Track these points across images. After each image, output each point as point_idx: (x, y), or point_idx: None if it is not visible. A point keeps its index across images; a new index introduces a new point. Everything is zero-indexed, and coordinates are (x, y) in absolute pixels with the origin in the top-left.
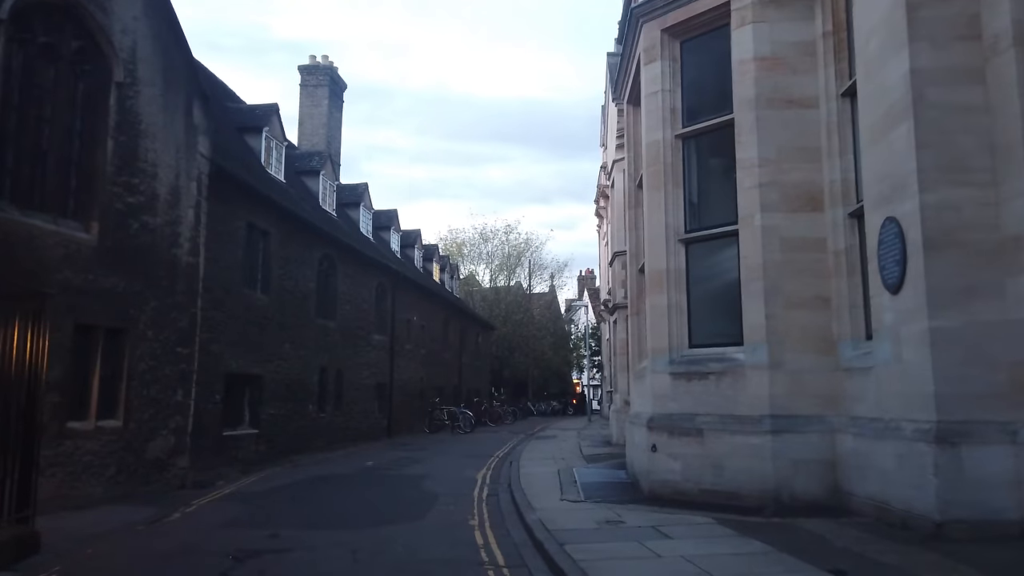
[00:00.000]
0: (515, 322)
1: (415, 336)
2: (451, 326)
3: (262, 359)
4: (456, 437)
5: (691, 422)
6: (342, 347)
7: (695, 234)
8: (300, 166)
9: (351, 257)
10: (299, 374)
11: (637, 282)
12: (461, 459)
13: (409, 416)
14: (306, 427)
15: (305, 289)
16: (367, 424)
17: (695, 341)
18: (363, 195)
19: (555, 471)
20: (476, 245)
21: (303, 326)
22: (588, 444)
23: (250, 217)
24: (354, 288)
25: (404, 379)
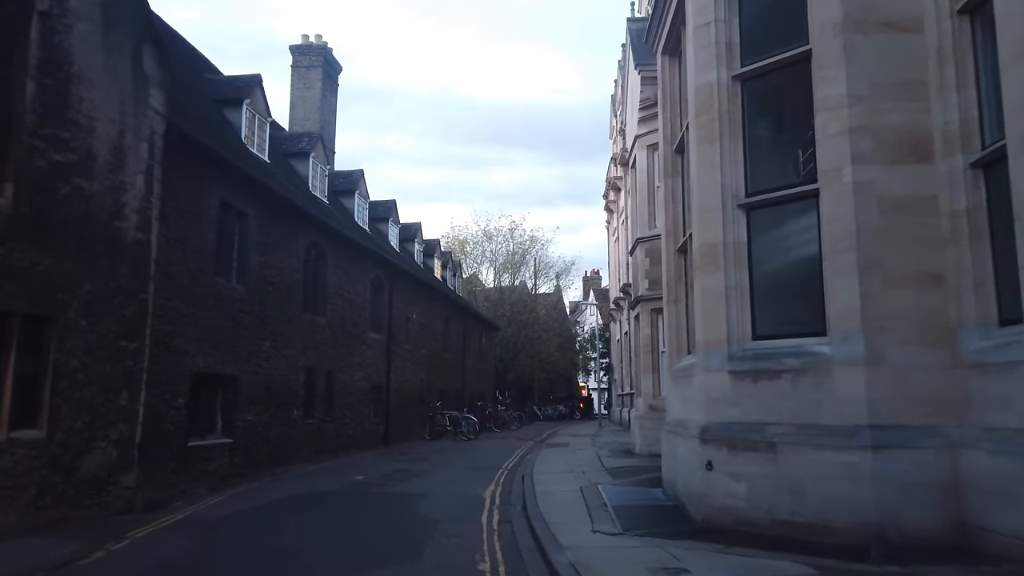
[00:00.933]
0: (520, 323)
1: (414, 335)
2: (453, 325)
3: (238, 358)
4: (459, 445)
5: (759, 433)
6: (333, 346)
7: (759, 197)
8: (288, 148)
9: (343, 246)
10: (282, 375)
11: (676, 264)
12: (465, 472)
13: (408, 421)
14: (290, 435)
15: (290, 280)
16: (361, 431)
17: (761, 331)
18: (358, 182)
19: (577, 489)
20: (479, 243)
21: (287, 321)
22: (607, 454)
23: (224, 195)
24: (347, 281)
25: (402, 381)
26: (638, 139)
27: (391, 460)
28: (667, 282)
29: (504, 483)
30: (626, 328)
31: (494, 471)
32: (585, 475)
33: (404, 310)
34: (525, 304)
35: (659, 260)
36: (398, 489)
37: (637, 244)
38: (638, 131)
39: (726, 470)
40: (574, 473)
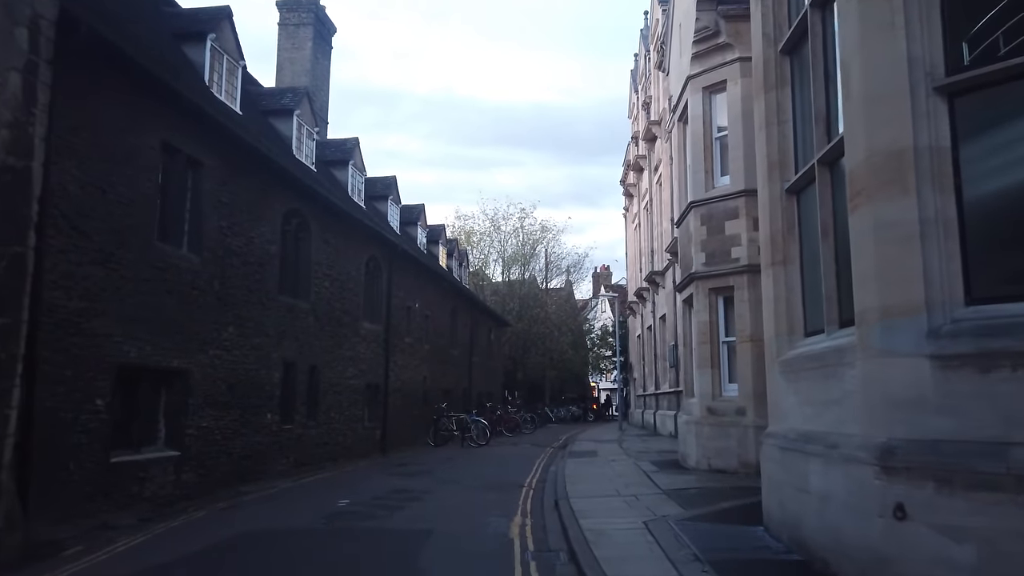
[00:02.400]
0: (530, 318)
1: (417, 327)
2: (460, 319)
3: (188, 347)
4: (468, 452)
5: (1000, 460)
6: (318, 336)
7: (972, 74)
8: (268, 104)
9: (332, 218)
10: (251, 370)
11: (784, 210)
12: (480, 493)
13: (409, 425)
14: (262, 444)
15: (262, 253)
16: (353, 437)
17: (981, 291)
18: (352, 152)
19: (639, 525)
20: (487, 234)
21: (258, 304)
22: (652, 467)
23: (168, 135)
24: (336, 260)
25: (403, 380)
26: (691, 82)
27: (388, 474)
28: (769, 237)
29: (533, 511)
30: (649, 322)
31: (516, 491)
32: (639, 501)
33: (405, 298)
34: (536, 298)
35: (720, 228)
36: (392, 523)
37: (690, 210)
38: (691, 71)
39: (934, 520)
40: (623, 497)
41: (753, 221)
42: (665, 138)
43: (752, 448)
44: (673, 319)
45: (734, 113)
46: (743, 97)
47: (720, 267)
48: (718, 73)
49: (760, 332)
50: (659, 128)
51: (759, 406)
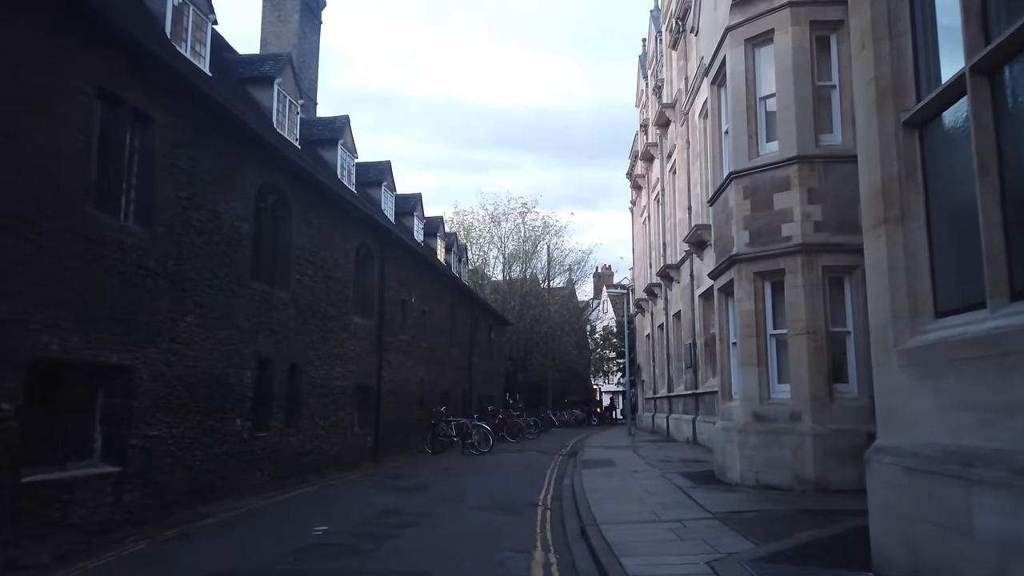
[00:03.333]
0: (532, 317)
1: (413, 324)
2: (459, 316)
3: (134, 339)
4: (469, 461)
5: None
6: (300, 331)
7: None
8: (246, 72)
9: (316, 197)
10: (216, 368)
11: (903, 149)
12: (486, 515)
13: (404, 431)
14: (230, 455)
15: (231, 232)
16: (341, 445)
17: None
18: (342, 131)
19: (705, 569)
20: (486, 229)
21: (226, 291)
22: (686, 482)
23: (106, 79)
24: (321, 245)
25: (397, 381)
26: (730, 34)
27: (379, 488)
28: (879, 188)
29: (556, 542)
30: (661, 320)
31: (529, 512)
32: (688, 529)
33: (399, 292)
34: (538, 297)
35: (767, 202)
36: (377, 562)
37: (729, 182)
38: (730, 21)
39: None
40: (666, 523)
41: (808, 192)
42: (680, 121)
43: (811, 460)
44: (691, 315)
45: (783, 67)
46: (795, 49)
47: (768, 247)
48: (763, 22)
49: (818, 322)
50: (673, 111)
51: (818, 411)
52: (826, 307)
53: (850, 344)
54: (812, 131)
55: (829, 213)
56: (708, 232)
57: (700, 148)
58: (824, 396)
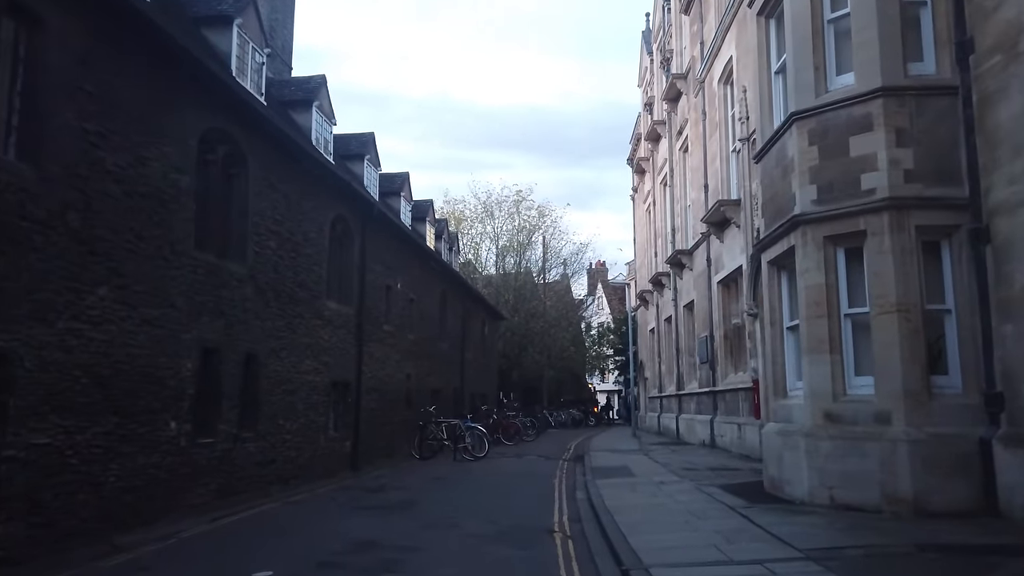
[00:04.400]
0: (526, 312)
1: (399, 313)
2: (451, 307)
3: (14, 315)
4: (463, 468)
5: None
6: (261, 313)
7: None
8: (200, 10)
9: (281, 156)
10: (140, 356)
11: None
12: (490, 548)
13: (389, 433)
14: (162, 468)
15: (164, 184)
16: (313, 451)
17: None
18: (317, 92)
19: None
20: (479, 219)
21: (156, 259)
22: (729, 495)
23: None
24: (289, 214)
25: (381, 377)
26: None
27: (354, 506)
28: None
29: None
30: (669, 313)
31: (546, 543)
32: None
33: (383, 276)
34: (533, 290)
35: (841, 147)
36: None
37: (790, 126)
38: None
39: None
40: (744, 566)
41: (896, 134)
42: (694, 91)
43: (905, 474)
44: (707, 305)
45: None
46: None
47: (843, 204)
48: None
49: (912, 297)
50: (685, 82)
51: (913, 410)
52: (921, 278)
53: (950, 325)
54: (899, 57)
55: (923, 159)
56: (733, 209)
57: (720, 117)
58: (921, 391)
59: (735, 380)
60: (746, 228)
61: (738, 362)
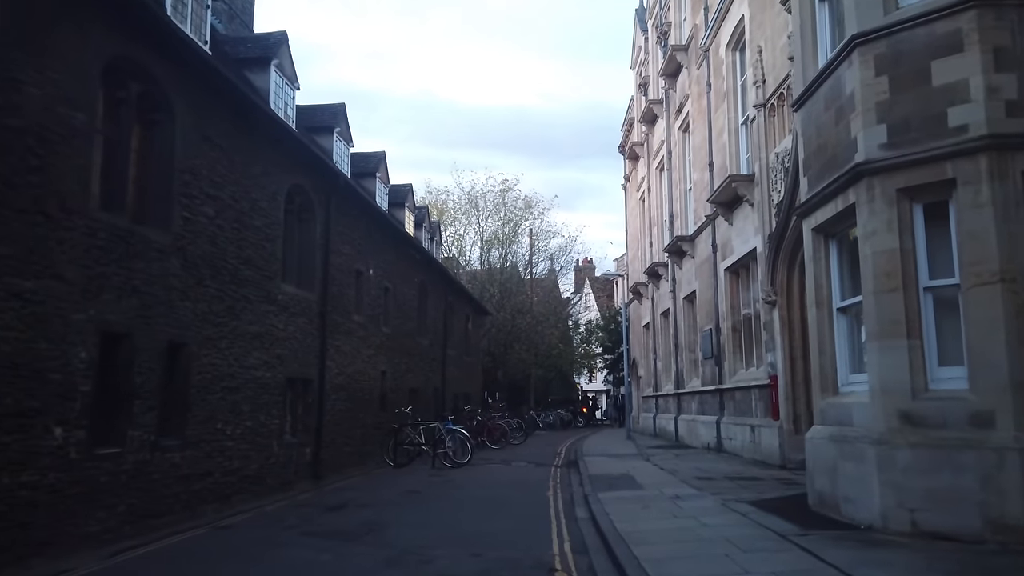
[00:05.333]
0: (513, 307)
1: (371, 303)
2: (432, 300)
3: None
4: (443, 479)
5: None
6: (191, 294)
7: None
8: None
9: (222, 106)
10: (4, 342)
11: None
12: None
13: (360, 438)
14: (43, 488)
15: (43, 120)
16: (263, 460)
17: None
18: (277, 50)
19: None
20: (463, 211)
21: (32, 214)
22: (768, 515)
23: None
24: (232, 177)
25: (350, 374)
26: None
27: (301, 532)
28: None
29: None
30: (666, 306)
31: None
32: None
33: (353, 259)
34: (519, 285)
35: (921, 75)
36: None
37: (850, 53)
38: None
39: None
40: None
41: (994, 54)
42: (697, 62)
43: (1018, 493)
44: (711, 295)
45: None
46: None
47: (923, 147)
48: None
49: (1020, 263)
50: (686, 54)
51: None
52: None
53: None
54: None
55: None
56: (746, 185)
57: (728, 86)
58: None
59: (746, 377)
60: (762, 205)
61: (749, 357)
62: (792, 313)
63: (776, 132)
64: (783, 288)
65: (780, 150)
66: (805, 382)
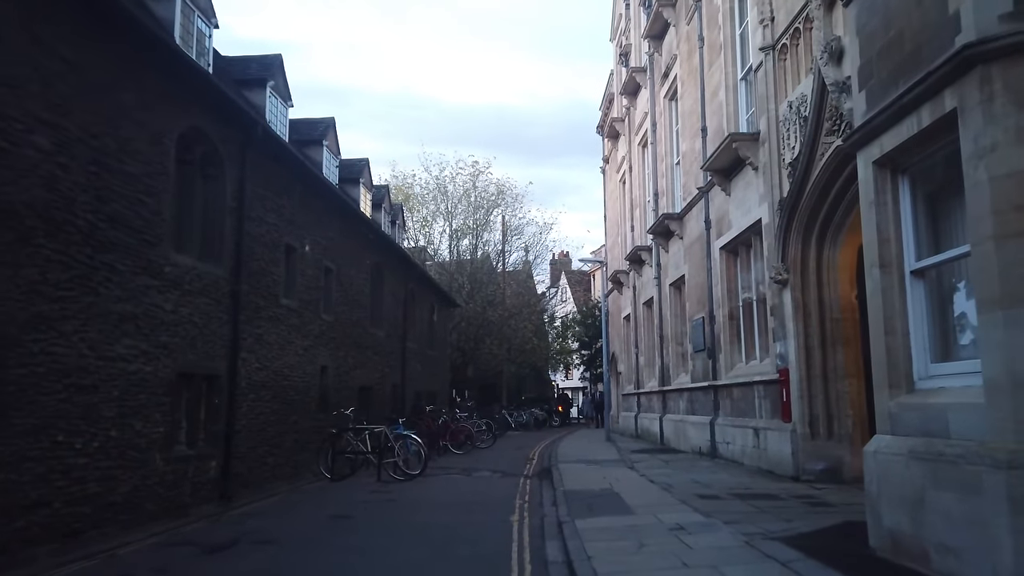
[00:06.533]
0: (483, 299)
1: (308, 286)
2: (388, 285)
3: None
4: (385, 496)
5: None
6: (11, 258)
7: None
8: None
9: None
10: None
11: None
12: None
13: (292, 445)
14: None
15: None
16: (137, 480)
17: None
18: None
19: None
20: (431, 198)
21: None
22: (807, 556)
23: None
24: (85, 102)
25: (276, 369)
26: None
27: None
28: None
29: None
30: (650, 294)
31: None
32: None
33: (283, 231)
34: (490, 275)
35: None
36: None
37: None
38: None
39: None
40: None
41: None
42: (686, 17)
43: None
44: (704, 279)
45: None
46: None
47: None
48: None
49: None
50: (673, 11)
51: None
52: None
53: None
54: None
55: None
56: (750, 145)
57: (725, 37)
58: None
59: (746, 371)
60: (770, 168)
61: (750, 348)
62: (808, 294)
63: (789, 78)
64: (796, 265)
65: (795, 97)
66: (824, 376)
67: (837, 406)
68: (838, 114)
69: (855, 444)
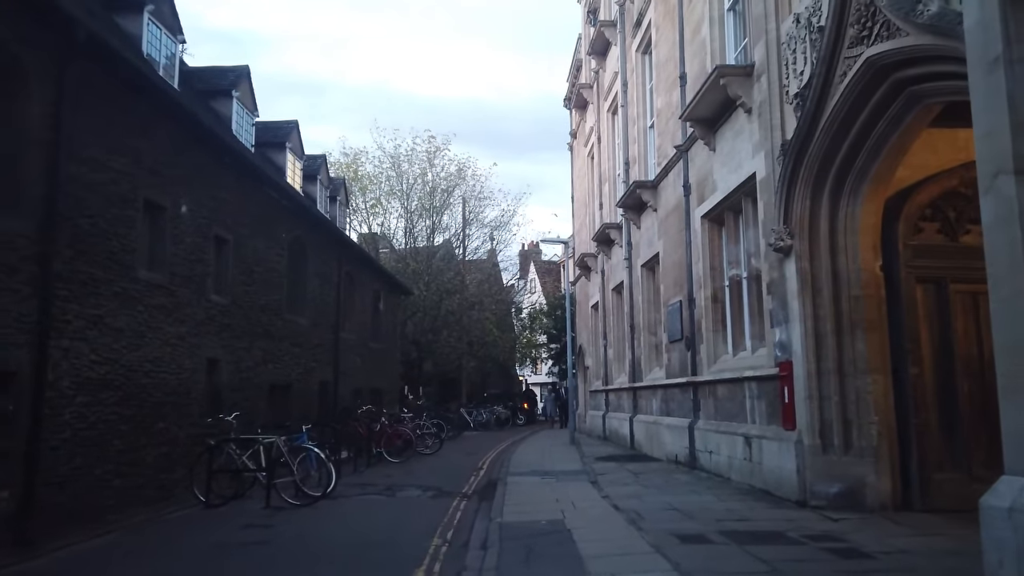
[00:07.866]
0: (441, 287)
1: (185, 255)
2: (314, 265)
3: None
4: (261, 536)
5: None
6: None
7: None
8: None
9: None
10: None
11: None
12: None
13: (152, 462)
14: None
15: None
16: None
17: None
18: None
19: None
20: (384, 178)
21: None
22: None
23: None
24: None
25: (128, 363)
26: None
27: None
28: None
29: None
30: (620, 279)
31: None
32: None
33: (140, 182)
34: (449, 262)
35: None
36: None
37: None
38: None
39: None
40: None
41: None
42: None
43: None
44: (683, 255)
45: None
46: None
47: None
48: None
49: None
50: None
51: None
52: None
53: None
54: None
55: None
56: (742, 81)
57: None
58: None
59: (734, 364)
60: (769, 105)
61: (739, 336)
62: (818, 264)
63: None
64: (803, 227)
65: (803, 8)
66: (839, 371)
67: (857, 410)
68: (869, 13)
69: (881, 460)
